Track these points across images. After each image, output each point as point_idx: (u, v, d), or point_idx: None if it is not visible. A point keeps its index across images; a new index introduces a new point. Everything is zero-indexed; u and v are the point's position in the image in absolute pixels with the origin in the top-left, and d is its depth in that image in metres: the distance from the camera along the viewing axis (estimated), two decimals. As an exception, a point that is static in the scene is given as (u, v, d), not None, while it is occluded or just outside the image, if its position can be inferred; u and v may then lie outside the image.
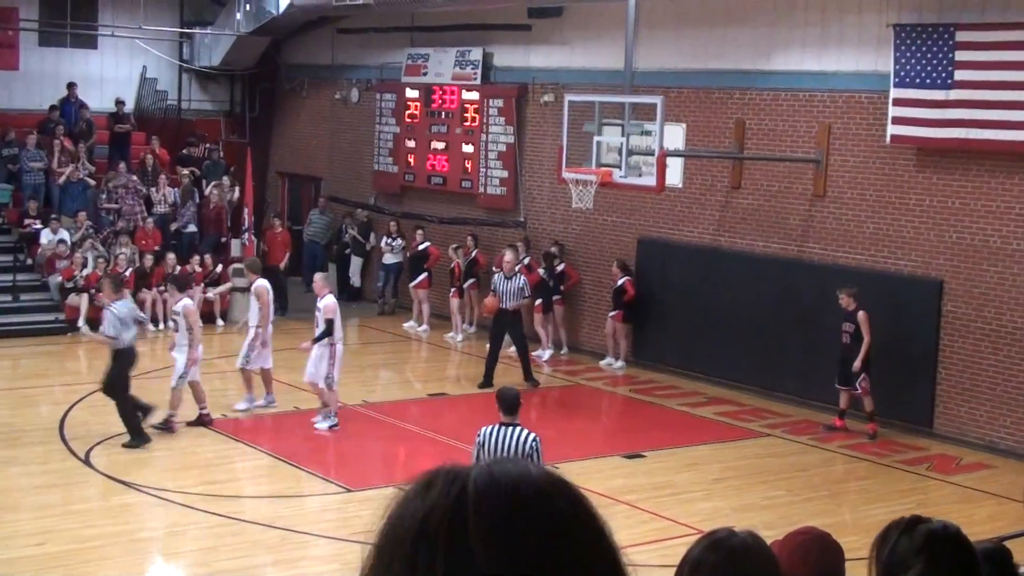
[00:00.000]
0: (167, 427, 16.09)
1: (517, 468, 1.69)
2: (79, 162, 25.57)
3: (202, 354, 16.68)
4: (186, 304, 16.43)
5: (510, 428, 10.04)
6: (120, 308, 15.81)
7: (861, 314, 17.02)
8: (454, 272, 23.56)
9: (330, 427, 16.72)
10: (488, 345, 20.09)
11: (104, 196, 25.35)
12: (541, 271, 21.79)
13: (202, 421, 16.58)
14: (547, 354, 21.76)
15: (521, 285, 19.79)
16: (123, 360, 15.61)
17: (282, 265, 25.48)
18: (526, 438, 9.96)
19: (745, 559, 3.24)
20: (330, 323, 16.60)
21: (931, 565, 3.31)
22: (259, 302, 17.45)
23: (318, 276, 17.82)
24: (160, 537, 13.14)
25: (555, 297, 21.98)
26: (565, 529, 1.65)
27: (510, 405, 10.22)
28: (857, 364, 16.98)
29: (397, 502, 1.69)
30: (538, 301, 21.69)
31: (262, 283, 17.79)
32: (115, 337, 15.55)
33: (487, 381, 19.31)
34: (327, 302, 16.75)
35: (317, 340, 16.72)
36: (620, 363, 21.32)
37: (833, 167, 18.74)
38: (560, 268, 22.09)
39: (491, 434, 10.02)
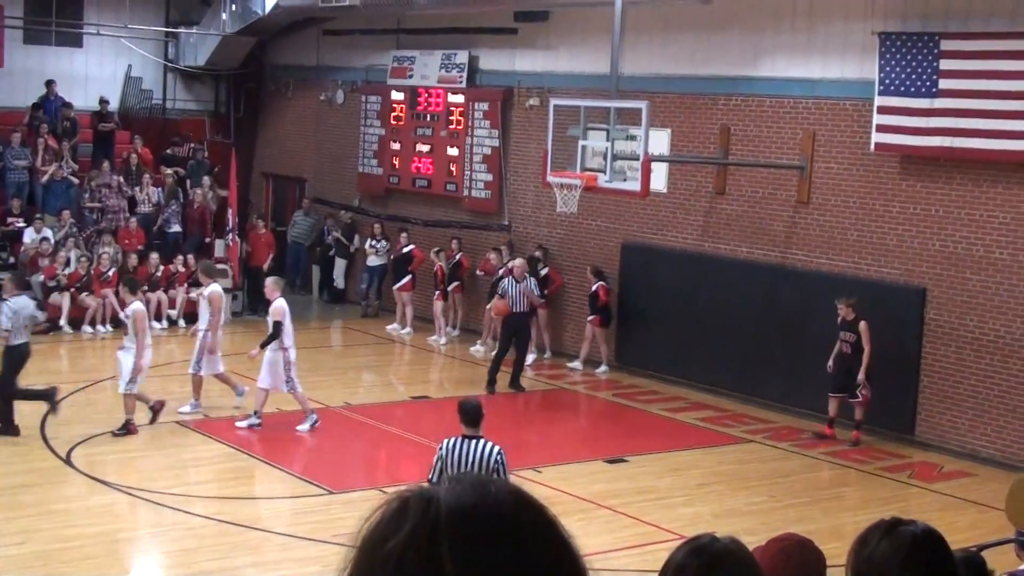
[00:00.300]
0: (127, 431, 15.98)
1: (486, 491, 1.73)
2: (63, 160, 25.50)
3: (150, 361, 16.43)
4: (136, 308, 16.14)
5: (473, 441, 9.67)
6: (17, 303, 15.89)
7: (863, 324, 17.04)
8: (437, 275, 23.55)
9: (311, 426, 16.70)
10: (496, 348, 20.19)
11: (87, 195, 25.28)
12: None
13: (154, 410, 16.37)
14: (530, 358, 21.74)
15: (532, 287, 19.98)
16: (11, 358, 15.72)
17: (266, 266, 25.43)
18: (490, 452, 9.60)
19: (727, 564, 3.24)
20: (277, 325, 16.43)
21: (911, 568, 3.32)
22: (211, 307, 17.21)
23: (269, 280, 17.69)
24: (141, 537, 13.11)
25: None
26: (533, 549, 1.70)
27: (472, 417, 9.80)
28: (861, 376, 16.99)
29: (369, 530, 1.71)
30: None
31: (217, 289, 17.59)
32: (8, 330, 15.73)
33: (491, 385, 19.52)
34: (276, 305, 16.61)
35: (265, 345, 16.54)
36: (603, 367, 21.34)
37: (817, 174, 18.79)
38: (544, 272, 22.08)
39: (453, 447, 9.65)
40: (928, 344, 17.52)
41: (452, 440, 9.73)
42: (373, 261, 25.41)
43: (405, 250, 24.23)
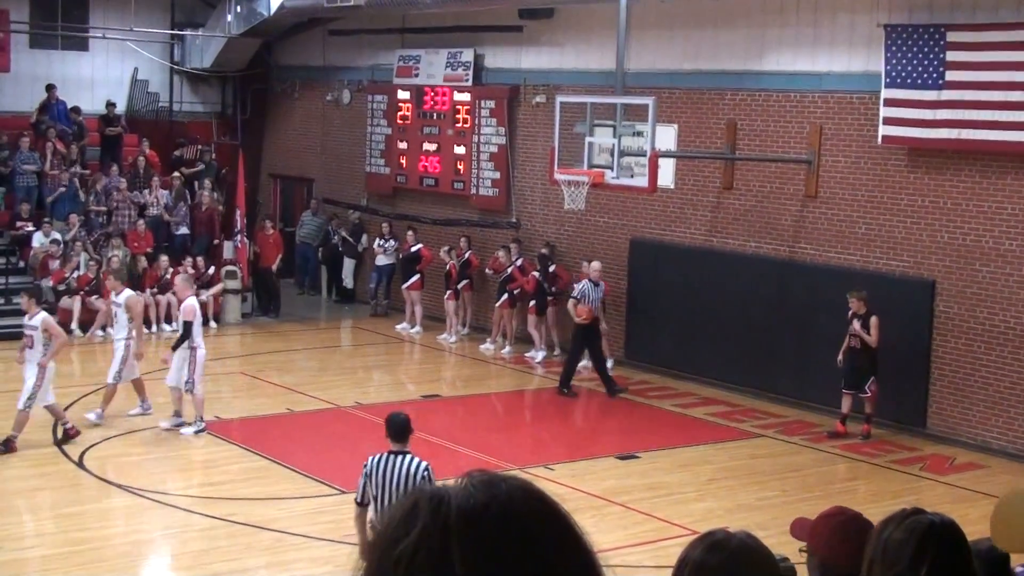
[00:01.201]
0: (7, 447, 15.27)
1: (497, 489, 1.72)
2: (71, 165, 25.51)
3: (53, 371, 15.69)
4: (45, 318, 15.65)
5: (399, 457, 9.42)
6: None
7: (874, 319, 16.97)
8: (450, 274, 23.52)
9: (196, 432, 16.33)
10: (589, 357, 19.88)
11: (91, 198, 25.30)
12: (536, 273, 21.79)
13: (68, 436, 15.77)
14: (540, 355, 21.75)
15: (603, 289, 19.86)
16: None
17: (274, 267, 25.46)
18: (416, 467, 9.36)
19: (747, 560, 3.24)
20: (188, 326, 16.17)
21: (922, 555, 3.32)
22: (130, 314, 16.85)
23: (179, 279, 17.47)
24: (154, 540, 13.12)
25: (547, 298, 21.96)
26: (545, 547, 1.70)
27: (399, 431, 9.59)
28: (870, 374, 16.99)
29: (382, 530, 1.72)
30: (532, 303, 21.73)
31: (133, 295, 17.44)
32: None
33: (611, 387, 19.36)
34: (187, 304, 16.33)
35: (176, 347, 16.24)
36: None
37: (825, 168, 18.77)
38: (552, 269, 22.07)
39: (379, 463, 9.38)
40: (938, 336, 17.50)
41: (378, 456, 9.46)
42: (382, 260, 25.41)
43: (413, 249, 24.21)
